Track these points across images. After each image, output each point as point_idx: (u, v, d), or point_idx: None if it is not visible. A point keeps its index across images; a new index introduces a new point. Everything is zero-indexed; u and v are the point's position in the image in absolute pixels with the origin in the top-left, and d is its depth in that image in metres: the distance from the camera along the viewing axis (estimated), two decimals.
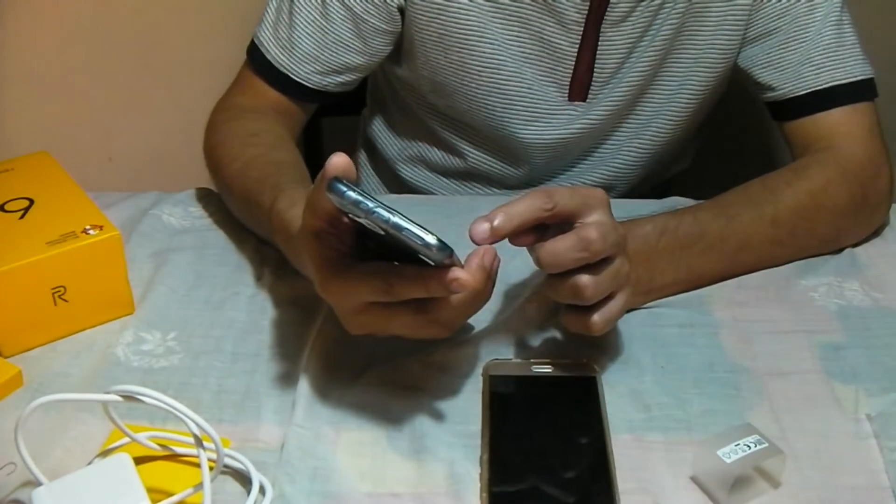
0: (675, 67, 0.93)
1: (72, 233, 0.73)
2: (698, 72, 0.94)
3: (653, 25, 0.89)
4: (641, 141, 0.99)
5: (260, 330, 0.75)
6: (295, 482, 0.61)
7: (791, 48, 0.89)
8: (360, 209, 0.54)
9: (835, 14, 0.88)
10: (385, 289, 0.58)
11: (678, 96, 0.95)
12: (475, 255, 0.60)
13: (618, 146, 0.99)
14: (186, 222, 0.89)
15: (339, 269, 0.60)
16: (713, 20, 0.90)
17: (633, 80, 0.93)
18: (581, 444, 0.64)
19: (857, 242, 0.86)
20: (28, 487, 0.60)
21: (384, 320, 0.62)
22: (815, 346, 0.73)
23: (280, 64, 0.91)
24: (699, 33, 0.91)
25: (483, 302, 0.64)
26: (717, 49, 0.92)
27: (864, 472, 0.62)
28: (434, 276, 0.57)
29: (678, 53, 0.92)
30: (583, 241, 0.62)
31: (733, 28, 0.90)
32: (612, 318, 0.66)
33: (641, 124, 0.98)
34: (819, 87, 0.88)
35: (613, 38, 0.89)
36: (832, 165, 0.84)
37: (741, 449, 0.59)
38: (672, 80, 0.94)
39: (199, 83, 0.95)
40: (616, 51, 0.90)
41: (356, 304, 0.61)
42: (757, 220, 0.80)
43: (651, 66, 0.92)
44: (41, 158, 0.84)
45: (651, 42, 0.90)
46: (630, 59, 0.91)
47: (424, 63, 0.93)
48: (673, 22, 0.90)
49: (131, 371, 0.71)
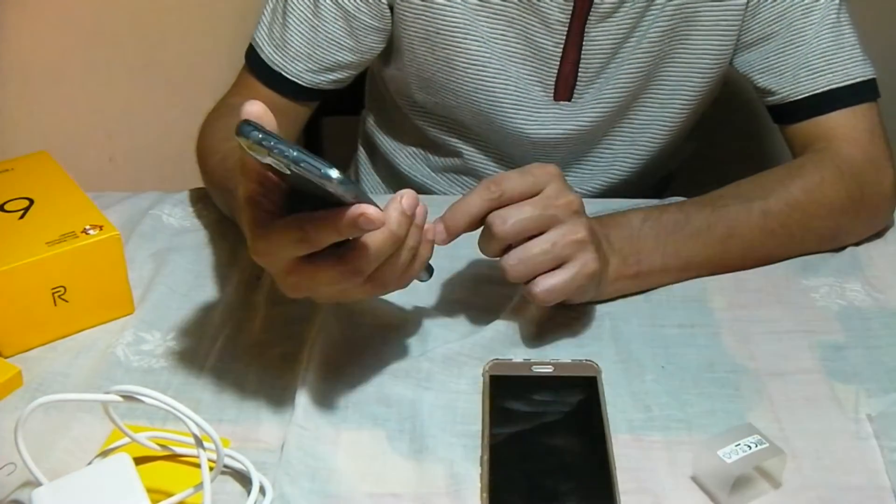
0: (668, 72, 0.93)
1: (71, 233, 0.73)
2: (692, 76, 0.94)
3: (639, 26, 0.89)
4: (637, 147, 0.99)
5: (260, 330, 0.75)
6: (295, 482, 0.61)
7: (788, 52, 0.89)
8: (264, 146, 0.53)
9: (832, 16, 0.87)
10: (301, 236, 0.57)
11: (672, 101, 0.96)
12: (393, 199, 0.60)
13: (614, 152, 1.00)
14: (186, 222, 0.89)
15: (264, 230, 0.59)
16: (705, 25, 0.90)
17: (622, 81, 0.93)
18: (581, 444, 0.64)
19: (859, 242, 0.86)
20: (28, 487, 0.60)
21: (310, 278, 0.60)
22: (815, 346, 0.73)
23: (273, 62, 0.91)
24: (691, 37, 0.91)
25: (412, 253, 0.63)
26: (709, 54, 0.92)
27: (864, 473, 0.62)
28: (342, 214, 0.55)
29: (670, 58, 0.92)
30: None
31: (726, 32, 0.90)
32: (556, 289, 0.68)
33: (636, 129, 0.98)
34: (817, 90, 0.88)
35: (598, 37, 0.89)
36: (828, 164, 0.84)
37: (742, 449, 0.59)
38: (665, 85, 0.94)
39: (199, 83, 0.95)
40: (600, 49, 0.90)
41: (283, 263, 0.60)
42: (746, 210, 0.80)
43: (641, 69, 0.92)
44: (41, 158, 0.84)
45: (638, 43, 0.90)
46: (616, 59, 0.91)
47: (412, 60, 0.94)
48: (662, 25, 0.89)
49: (131, 371, 0.71)
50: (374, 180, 1.14)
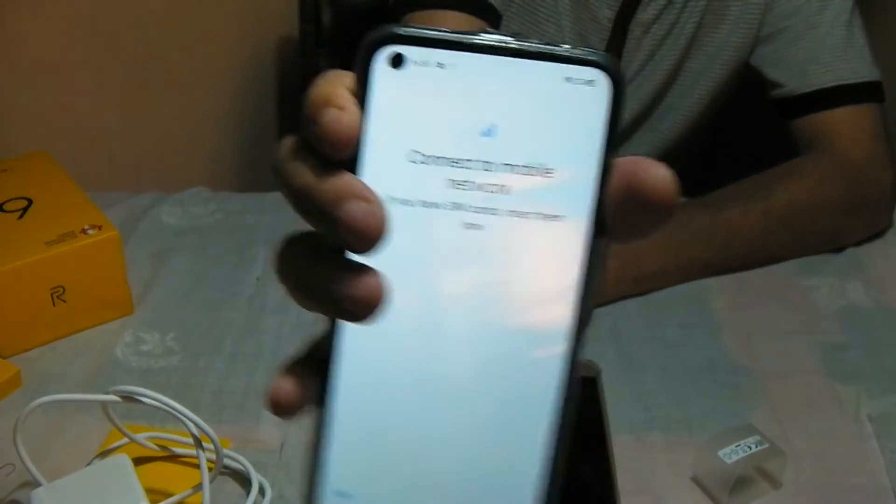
0: (692, 64, 0.95)
1: (71, 233, 0.73)
2: (714, 68, 0.95)
3: (676, 26, 0.91)
4: (655, 135, 1.00)
5: (260, 330, 0.75)
6: (295, 482, 0.61)
7: (799, 46, 0.89)
8: None
9: (845, 16, 0.88)
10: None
11: (693, 91, 0.97)
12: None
13: (632, 141, 1.00)
14: (186, 222, 0.89)
15: None
16: (731, 19, 0.91)
17: (654, 80, 0.94)
18: (581, 444, 0.63)
19: (859, 242, 0.85)
20: (27, 488, 0.60)
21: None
22: (816, 346, 0.73)
23: None
24: (717, 31, 0.92)
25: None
26: (732, 46, 0.93)
27: (865, 473, 0.62)
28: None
29: (696, 51, 0.94)
30: None
31: (748, 26, 0.91)
32: None
33: (657, 118, 0.99)
34: (825, 85, 0.88)
35: (641, 40, 0.91)
36: (828, 164, 0.84)
37: (742, 449, 0.59)
38: (688, 77, 0.96)
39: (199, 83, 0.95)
40: (641, 52, 0.92)
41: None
42: (747, 210, 0.80)
43: (671, 66, 0.94)
44: (40, 158, 0.83)
45: (674, 43, 0.92)
46: (653, 61, 0.93)
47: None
48: (694, 20, 0.91)
49: (130, 371, 0.71)
50: None
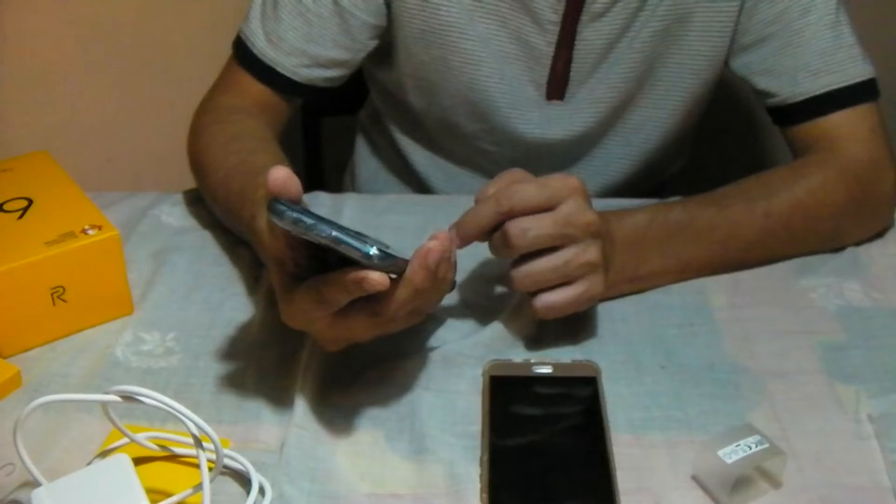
0: (661, 73, 0.93)
1: (71, 233, 0.73)
2: (686, 77, 0.94)
3: (632, 26, 0.89)
4: (632, 148, 0.99)
5: (259, 330, 0.75)
6: (294, 483, 0.61)
7: (786, 54, 0.88)
8: (300, 227, 0.54)
9: (829, 16, 0.87)
10: (319, 298, 0.59)
11: (666, 102, 0.96)
12: (417, 256, 0.59)
13: (609, 154, 1.00)
14: (186, 222, 0.89)
15: (289, 295, 0.61)
16: (698, 26, 0.90)
17: (615, 82, 0.93)
18: (581, 444, 0.64)
19: (859, 242, 0.85)
20: (27, 488, 0.60)
21: (347, 329, 0.62)
22: (815, 346, 0.73)
23: (266, 57, 0.91)
24: (684, 38, 0.91)
25: (435, 295, 0.66)
26: (703, 55, 0.92)
27: (864, 473, 0.62)
28: (349, 276, 0.56)
29: (664, 59, 0.92)
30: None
31: (720, 34, 0.90)
32: (557, 307, 0.69)
33: (631, 130, 0.98)
34: (817, 92, 0.87)
35: (589, 37, 0.89)
36: (831, 165, 0.84)
37: (742, 449, 0.59)
38: (659, 86, 0.94)
39: (199, 83, 0.95)
40: (592, 49, 0.90)
41: (316, 323, 0.62)
42: (749, 210, 0.80)
43: (633, 70, 0.92)
44: (40, 158, 0.83)
45: (630, 44, 0.90)
46: (608, 59, 0.91)
47: (406, 60, 0.94)
48: (655, 26, 0.89)
49: (130, 371, 0.71)
50: (377, 178, 1.14)
